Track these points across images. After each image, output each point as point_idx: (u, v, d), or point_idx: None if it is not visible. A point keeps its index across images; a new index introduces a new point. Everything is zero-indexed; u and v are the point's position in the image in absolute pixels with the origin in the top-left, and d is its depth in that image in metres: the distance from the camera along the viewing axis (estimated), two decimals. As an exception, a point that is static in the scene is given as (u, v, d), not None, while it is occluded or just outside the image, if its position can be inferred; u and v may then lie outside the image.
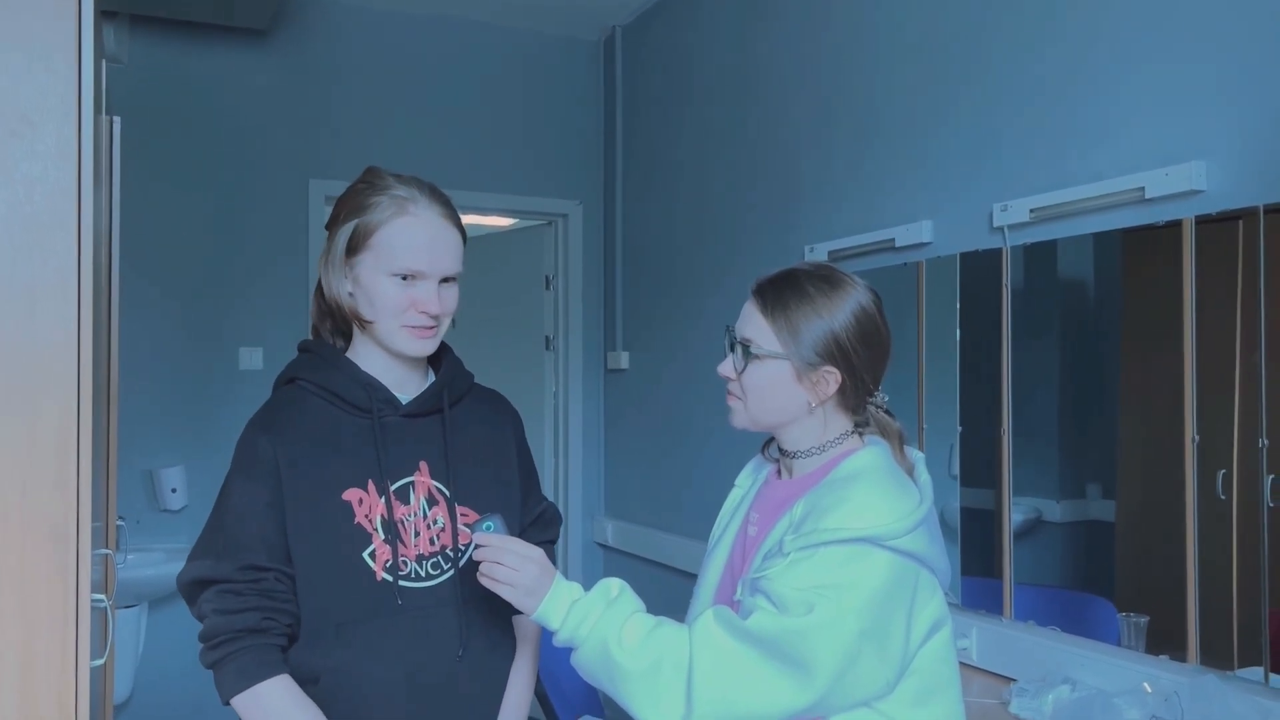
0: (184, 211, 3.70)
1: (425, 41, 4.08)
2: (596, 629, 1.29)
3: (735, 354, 1.41)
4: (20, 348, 1.14)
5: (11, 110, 1.13)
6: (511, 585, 1.31)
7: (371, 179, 1.44)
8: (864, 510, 1.27)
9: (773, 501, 1.45)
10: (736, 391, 1.42)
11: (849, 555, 1.25)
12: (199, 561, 1.40)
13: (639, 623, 1.29)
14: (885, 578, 1.26)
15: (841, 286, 1.39)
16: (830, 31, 3.01)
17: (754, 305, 1.41)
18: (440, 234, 1.41)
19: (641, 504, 4.07)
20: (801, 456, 1.42)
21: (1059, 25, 2.27)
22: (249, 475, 1.40)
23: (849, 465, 1.37)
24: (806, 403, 1.38)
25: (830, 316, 1.36)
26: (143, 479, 3.62)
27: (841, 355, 1.36)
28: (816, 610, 1.22)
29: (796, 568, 1.26)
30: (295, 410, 1.44)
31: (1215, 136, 1.94)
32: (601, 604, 1.31)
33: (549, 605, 1.32)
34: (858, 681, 1.25)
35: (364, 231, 1.39)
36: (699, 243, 3.67)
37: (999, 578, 2.35)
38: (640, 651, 1.26)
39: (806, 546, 1.26)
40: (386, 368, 1.47)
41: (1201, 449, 1.93)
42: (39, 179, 1.15)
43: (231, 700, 1.36)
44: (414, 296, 1.40)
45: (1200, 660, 1.92)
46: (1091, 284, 2.23)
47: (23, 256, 1.14)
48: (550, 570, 1.34)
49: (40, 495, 1.15)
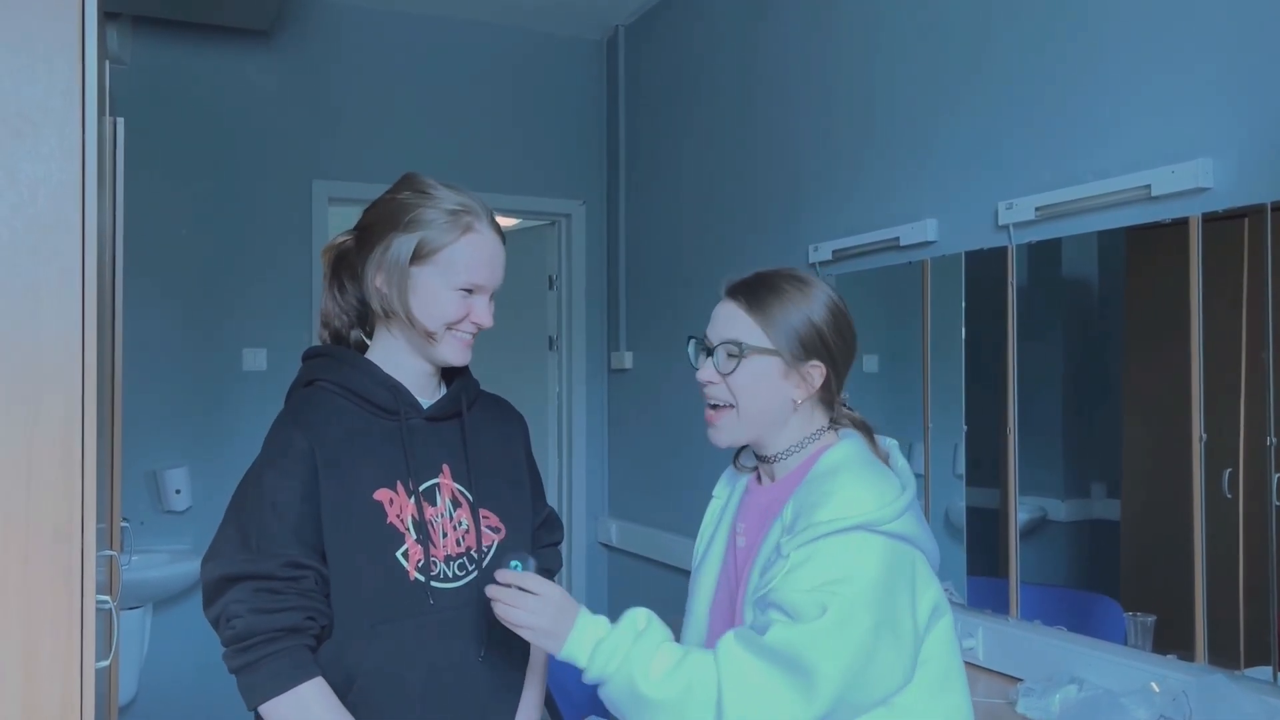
0: (188, 213, 3.70)
1: (428, 41, 4.08)
2: (624, 666, 1.27)
3: (716, 358, 1.41)
4: (24, 349, 1.14)
5: (14, 111, 1.13)
6: (531, 628, 1.30)
7: (423, 188, 1.46)
8: (853, 499, 1.28)
9: (757, 509, 1.45)
10: (720, 397, 1.42)
11: (847, 544, 1.26)
12: (229, 557, 1.35)
13: (667, 654, 1.28)
14: (886, 562, 1.27)
15: (811, 283, 1.42)
16: (834, 30, 3.00)
17: (735, 306, 1.42)
18: (498, 250, 1.48)
19: (645, 504, 4.06)
20: (781, 458, 1.43)
21: (1064, 23, 2.26)
22: (284, 469, 1.38)
23: (828, 459, 1.38)
24: (791, 400, 1.40)
25: (810, 310, 1.39)
26: (147, 480, 3.63)
27: (824, 347, 1.39)
28: (830, 610, 1.22)
29: (800, 570, 1.26)
30: (323, 409, 1.44)
31: (1222, 134, 1.93)
32: (629, 639, 1.29)
33: (573, 646, 1.30)
34: (880, 674, 1.25)
35: (430, 246, 1.42)
36: (702, 242, 3.67)
37: (1005, 577, 2.34)
38: (668, 683, 1.25)
39: (804, 544, 1.26)
40: (406, 371, 1.48)
41: (1208, 448, 1.92)
42: (42, 180, 1.14)
43: (262, 706, 1.32)
44: (471, 307, 1.45)
45: (1208, 660, 1.91)
46: (1097, 282, 2.23)
47: (27, 257, 1.14)
48: (571, 608, 1.32)
49: (44, 496, 1.15)
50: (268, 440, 1.43)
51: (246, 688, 1.33)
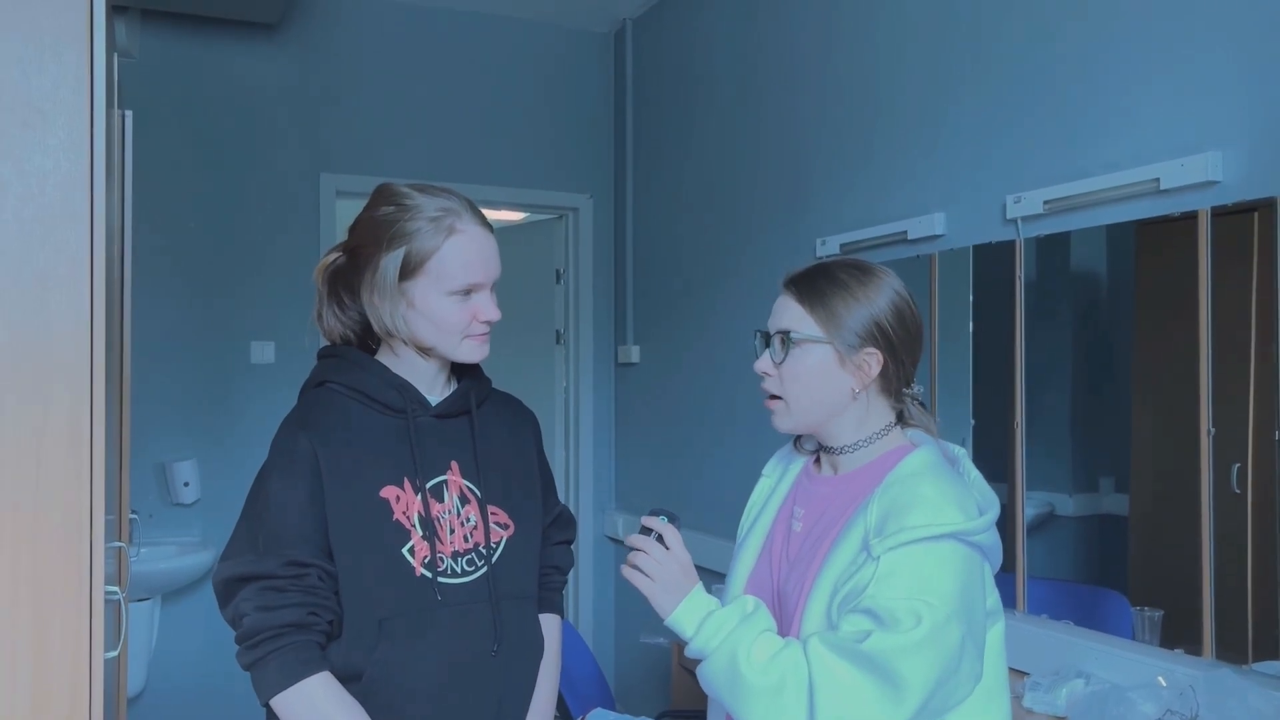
0: (195, 205, 3.71)
1: (435, 34, 4.08)
2: (728, 642, 1.28)
3: (772, 348, 1.41)
4: (33, 340, 1.14)
5: (23, 103, 1.14)
6: (653, 579, 1.31)
7: (397, 199, 1.43)
8: (944, 506, 1.27)
9: (819, 498, 1.44)
10: (775, 388, 1.41)
11: (939, 553, 1.26)
12: (237, 559, 1.38)
13: (768, 641, 1.28)
14: (970, 572, 1.28)
15: (874, 272, 1.41)
16: (840, 22, 2.99)
17: (789, 296, 1.41)
18: (487, 243, 1.44)
19: (652, 498, 4.06)
20: (848, 451, 1.42)
21: (1071, 15, 2.25)
22: (288, 471, 1.40)
23: (911, 464, 1.36)
24: (850, 389, 1.38)
25: (867, 299, 1.37)
26: (155, 472, 3.64)
27: (882, 336, 1.37)
28: (924, 620, 1.22)
29: (893, 577, 1.25)
30: (330, 410, 1.45)
31: (1231, 127, 1.92)
32: (736, 618, 1.30)
33: (685, 611, 1.31)
34: (959, 684, 1.26)
35: (417, 258, 1.40)
36: (709, 236, 3.66)
37: (1012, 572, 2.34)
38: (767, 669, 1.25)
39: (896, 547, 1.25)
40: (416, 370, 1.49)
41: (1217, 442, 1.91)
42: (51, 172, 1.15)
43: (272, 700, 1.34)
44: (474, 309, 1.43)
45: (1215, 654, 1.91)
46: (1105, 276, 2.22)
47: (35, 249, 1.14)
48: (694, 576, 1.34)
49: (54, 487, 1.15)
50: (274, 443, 1.44)
51: (257, 683, 1.35)
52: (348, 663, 1.38)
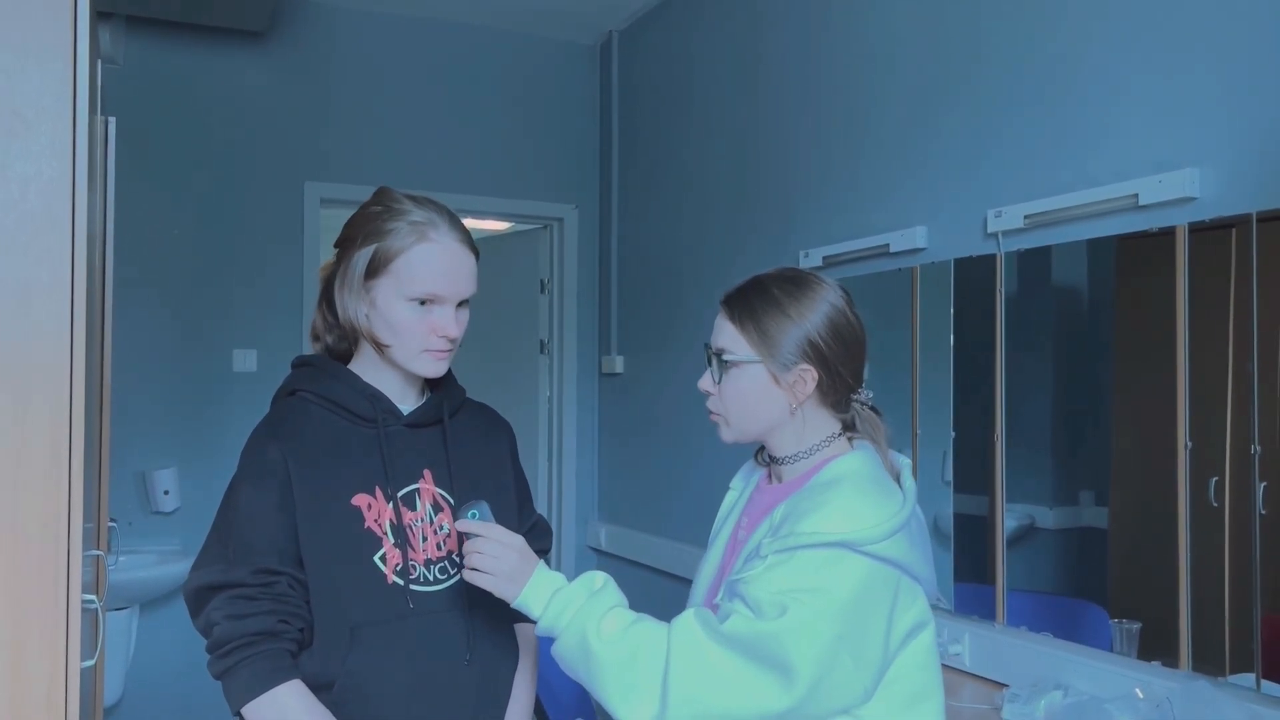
0: (179, 213, 3.70)
1: (421, 45, 4.08)
2: (576, 619, 1.29)
3: (712, 366, 1.43)
4: (13, 347, 1.14)
5: (6, 109, 1.13)
6: (492, 574, 1.31)
7: (387, 202, 1.45)
8: (841, 515, 1.27)
9: (760, 506, 1.46)
10: (716, 407, 1.44)
11: (824, 559, 1.25)
12: (207, 568, 1.39)
13: (619, 616, 1.30)
14: (861, 583, 1.25)
15: (809, 286, 1.40)
16: (826, 37, 3.02)
17: (723, 316, 1.43)
18: (458, 259, 1.44)
19: (635, 508, 4.06)
20: (789, 462, 1.43)
21: (1053, 32, 2.27)
22: (258, 481, 1.40)
23: (832, 469, 1.37)
24: (787, 405, 1.39)
25: (800, 315, 1.37)
26: (135, 481, 3.61)
27: (815, 352, 1.37)
28: (789, 613, 1.22)
29: (773, 571, 1.26)
30: (301, 419, 1.45)
31: (1209, 144, 1.94)
32: (584, 595, 1.31)
33: (530, 593, 1.32)
34: (834, 688, 1.25)
35: (384, 257, 1.41)
36: (694, 247, 3.67)
37: (992, 584, 2.35)
38: (618, 644, 1.26)
39: (783, 550, 1.26)
40: (388, 380, 1.49)
41: (1194, 455, 1.93)
42: (33, 178, 1.14)
43: (244, 709, 1.34)
44: (433, 322, 1.42)
45: (1192, 666, 1.92)
46: (1085, 290, 2.24)
47: (16, 255, 1.14)
48: (532, 559, 1.35)
49: (31, 495, 1.14)
50: (244, 452, 1.44)
51: (228, 692, 1.35)
52: (319, 671, 1.37)
